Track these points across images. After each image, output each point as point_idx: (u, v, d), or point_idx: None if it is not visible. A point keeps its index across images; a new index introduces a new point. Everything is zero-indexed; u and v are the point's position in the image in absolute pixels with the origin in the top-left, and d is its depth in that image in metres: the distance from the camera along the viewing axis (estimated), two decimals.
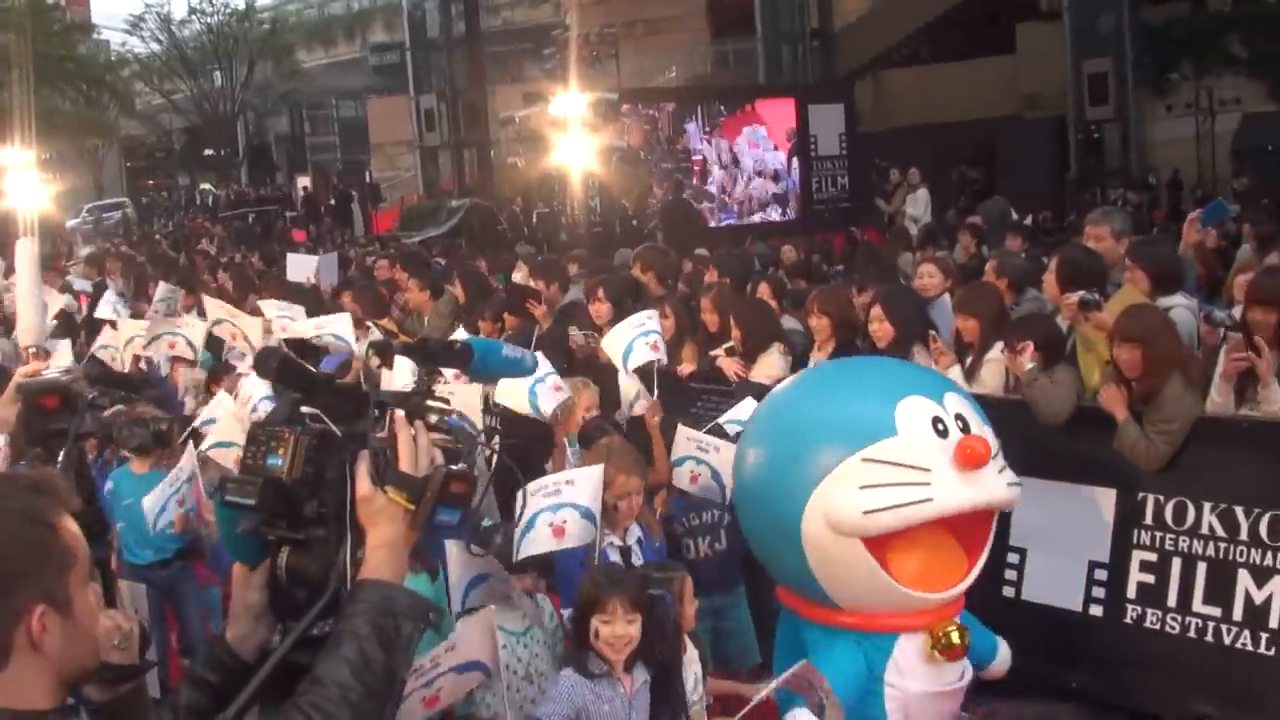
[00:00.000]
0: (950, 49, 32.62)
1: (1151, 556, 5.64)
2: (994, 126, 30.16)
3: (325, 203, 36.98)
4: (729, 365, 7.34)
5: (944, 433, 3.88)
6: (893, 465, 3.79)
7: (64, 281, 14.67)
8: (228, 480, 2.34)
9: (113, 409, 5.21)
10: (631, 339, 7.00)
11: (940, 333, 6.88)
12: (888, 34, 33.63)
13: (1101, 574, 5.78)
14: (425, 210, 32.46)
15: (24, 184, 15.59)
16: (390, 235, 27.94)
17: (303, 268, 13.68)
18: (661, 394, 6.82)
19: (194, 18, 49.56)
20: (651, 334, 7.01)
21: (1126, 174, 29.54)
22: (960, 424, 3.95)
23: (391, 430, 2.31)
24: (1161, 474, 5.63)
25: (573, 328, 8.27)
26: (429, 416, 2.36)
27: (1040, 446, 5.75)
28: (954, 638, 4.02)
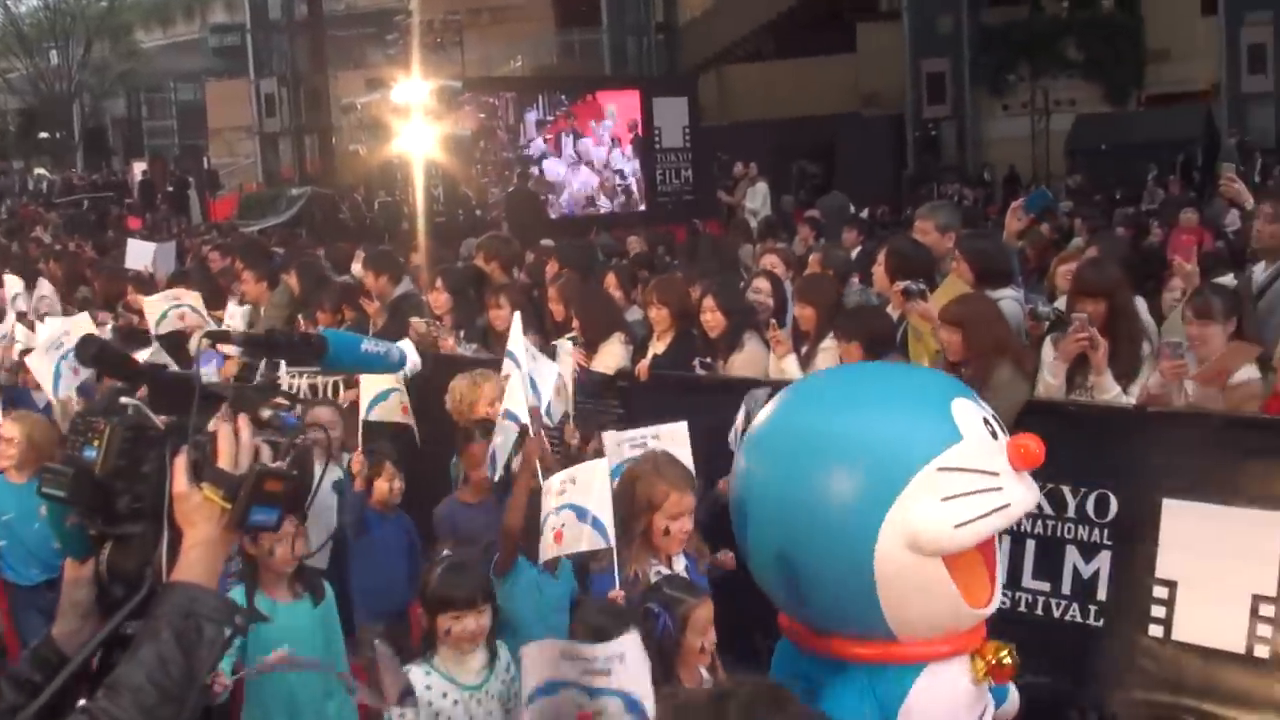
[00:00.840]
0: (793, 46, 33.32)
1: None
2: (834, 123, 30.89)
3: (162, 189, 35.77)
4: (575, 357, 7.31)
5: (995, 434, 3.50)
6: (969, 472, 3.45)
7: None
8: (46, 470, 2.24)
9: None
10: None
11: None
12: (732, 29, 34.17)
13: None
14: (264, 198, 31.51)
15: None
16: (229, 224, 27.17)
17: (141, 255, 13.36)
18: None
19: None
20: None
21: (962, 170, 30.53)
22: (997, 422, 3.60)
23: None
24: None
25: (414, 317, 8.14)
26: (261, 412, 2.27)
27: None
28: (1006, 658, 3.69)
